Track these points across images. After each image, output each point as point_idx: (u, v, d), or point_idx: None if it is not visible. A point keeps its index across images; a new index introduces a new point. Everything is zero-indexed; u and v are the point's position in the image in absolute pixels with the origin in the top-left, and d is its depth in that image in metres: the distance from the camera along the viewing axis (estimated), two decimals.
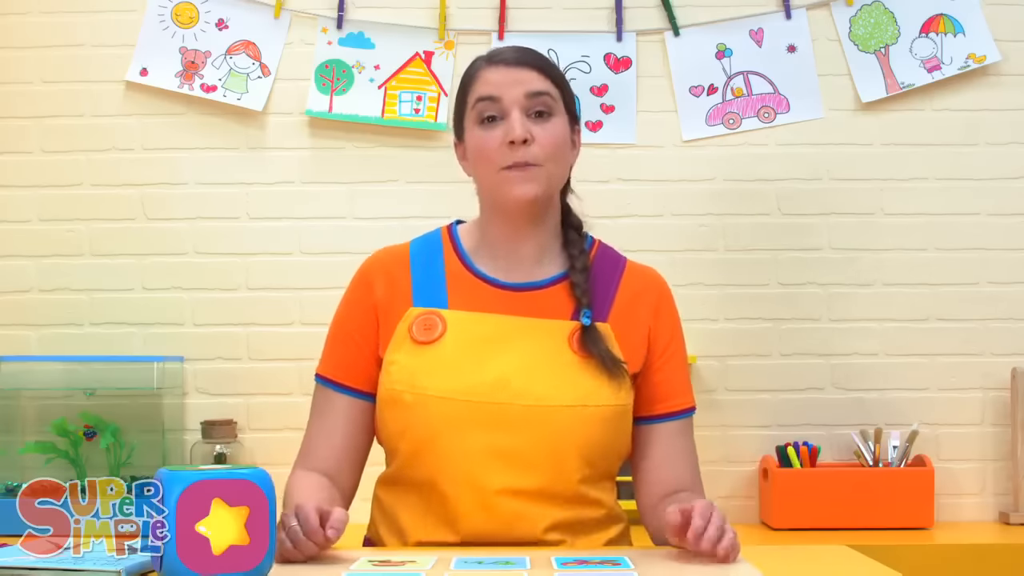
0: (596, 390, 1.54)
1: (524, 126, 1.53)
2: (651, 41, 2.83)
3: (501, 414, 1.50)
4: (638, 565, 1.31)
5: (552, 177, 1.57)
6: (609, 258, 1.67)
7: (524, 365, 1.53)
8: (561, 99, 1.59)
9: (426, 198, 2.79)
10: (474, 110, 1.58)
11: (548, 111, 1.56)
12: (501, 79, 1.56)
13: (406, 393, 1.53)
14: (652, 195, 2.81)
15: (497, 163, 1.55)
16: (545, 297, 1.59)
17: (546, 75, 1.57)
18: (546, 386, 1.52)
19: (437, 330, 1.56)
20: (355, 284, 1.65)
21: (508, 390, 1.51)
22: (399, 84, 2.80)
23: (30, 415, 2.76)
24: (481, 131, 1.57)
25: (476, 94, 1.58)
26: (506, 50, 1.61)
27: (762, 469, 2.74)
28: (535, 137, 1.54)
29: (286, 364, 2.76)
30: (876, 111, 2.82)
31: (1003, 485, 2.78)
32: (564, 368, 1.54)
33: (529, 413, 1.51)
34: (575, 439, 1.52)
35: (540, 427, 1.51)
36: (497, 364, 1.53)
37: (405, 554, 1.41)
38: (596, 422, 1.53)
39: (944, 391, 2.79)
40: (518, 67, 1.56)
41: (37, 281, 2.80)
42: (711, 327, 2.80)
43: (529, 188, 1.54)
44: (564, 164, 1.60)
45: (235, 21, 2.82)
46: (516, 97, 1.55)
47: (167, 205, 2.81)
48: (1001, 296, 2.80)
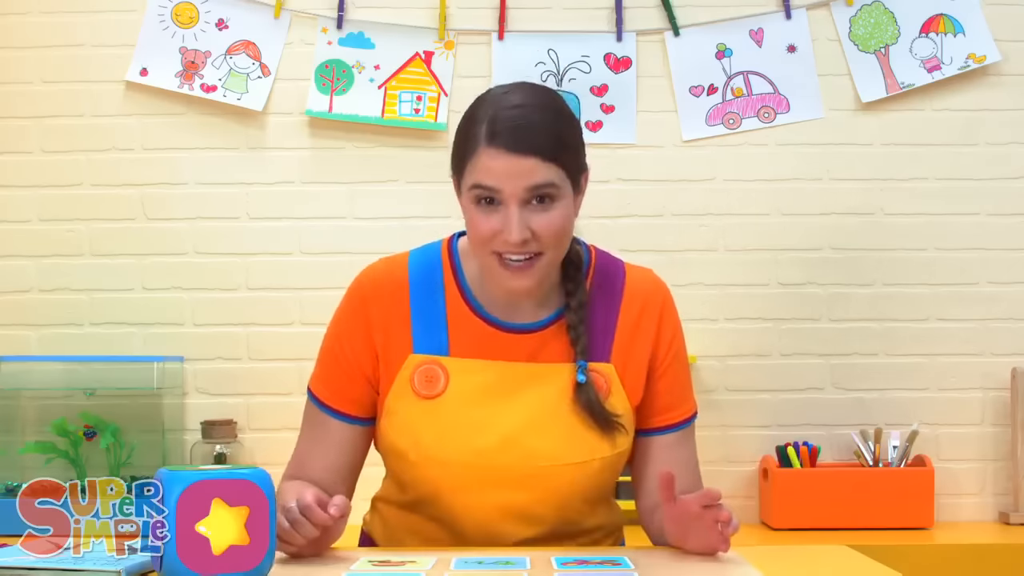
0: (599, 443, 1.53)
1: (522, 224, 1.43)
2: (651, 41, 2.83)
3: (510, 473, 1.50)
4: (638, 565, 1.31)
5: (553, 262, 1.50)
6: (608, 276, 1.60)
7: (529, 421, 1.51)
8: (568, 178, 1.46)
9: (426, 198, 2.79)
10: (471, 192, 1.46)
11: (550, 197, 1.45)
12: (501, 169, 1.42)
13: (410, 452, 1.52)
14: (652, 195, 2.81)
15: (491, 247, 1.47)
16: (546, 339, 1.55)
17: (550, 159, 1.43)
18: (553, 444, 1.51)
19: (439, 384, 1.52)
20: (351, 307, 1.58)
21: (516, 449, 1.50)
22: (399, 84, 2.80)
23: (30, 415, 2.76)
24: (477, 211, 1.46)
25: (473, 178, 1.45)
26: (508, 129, 1.43)
27: (762, 469, 2.74)
28: (535, 230, 1.44)
29: (286, 364, 2.76)
30: (876, 111, 2.82)
31: (1003, 485, 2.78)
32: (568, 423, 1.52)
33: (539, 472, 1.51)
34: (582, 490, 1.54)
35: (550, 484, 1.52)
36: (502, 422, 1.51)
37: (405, 554, 1.41)
38: (602, 473, 1.55)
39: (944, 391, 2.79)
40: (519, 155, 1.42)
41: (37, 281, 2.80)
42: (711, 327, 2.80)
43: (524, 282, 1.47)
44: (567, 241, 1.50)
45: (235, 21, 2.82)
46: (515, 191, 1.43)
47: (167, 205, 2.81)
48: (1001, 296, 2.80)
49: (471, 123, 1.47)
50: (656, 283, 1.62)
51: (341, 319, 1.59)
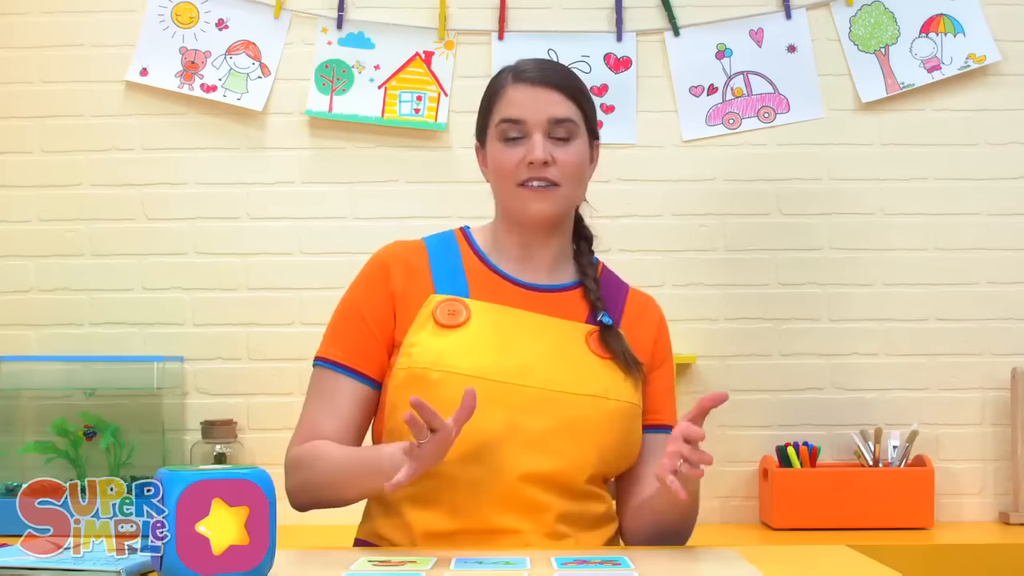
0: (614, 385, 1.57)
1: (545, 149, 1.57)
2: (651, 41, 2.83)
3: (525, 397, 1.53)
4: (638, 565, 1.31)
5: (569, 198, 1.61)
6: (613, 280, 1.71)
7: (546, 355, 1.56)
8: (583, 121, 1.61)
9: (426, 198, 2.79)
10: (498, 128, 1.60)
11: (570, 135, 1.59)
12: (525, 100, 1.58)
13: (431, 371, 1.53)
14: (652, 195, 2.81)
15: (515, 179, 1.59)
16: (562, 300, 1.63)
17: (570, 97, 1.59)
18: (568, 376, 1.56)
19: (462, 315, 1.58)
20: (370, 270, 1.64)
21: (533, 375, 1.54)
22: (399, 84, 2.80)
23: (30, 415, 2.76)
24: (503, 147, 1.60)
25: (500, 113, 1.60)
26: (532, 67, 1.62)
27: (762, 469, 2.74)
28: (555, 159, 1.57)
29: (286, 364, 2.76)
30: (876, 111, 2.82)
31: (1003, 485, 2.78)
32: (584, 362, 1.58)
33: (553, 398, 1.54)
34: (593, 430, 1.55)
35: (562, 413, 1.53)
36: (521, 351, 1.56)
37: (405, 554, 1.41)
38: (614, 417, 1.56)
39: (944, 391, 2.79)
40: (544, 87, 1.58)
41: (37, 281, 2.80)
42: (711, 327, 2.80)
43: (545, 207, 1.58)
44: (582, 185, 1.63)
45: (235, 21, 2.82)
46: (539, 121, 1.57)
47: (167, 205, 2.81)
48: (1001, 296, 2.80)
49: (495, 82, 1.63)
50: (655, 302, 1.73)
51: (358, 283, 1.65)
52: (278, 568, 1.24)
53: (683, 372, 2.73)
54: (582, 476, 1.55)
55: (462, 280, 1.62)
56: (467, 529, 1.52)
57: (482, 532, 1.52)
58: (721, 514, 2.78)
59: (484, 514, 1.52)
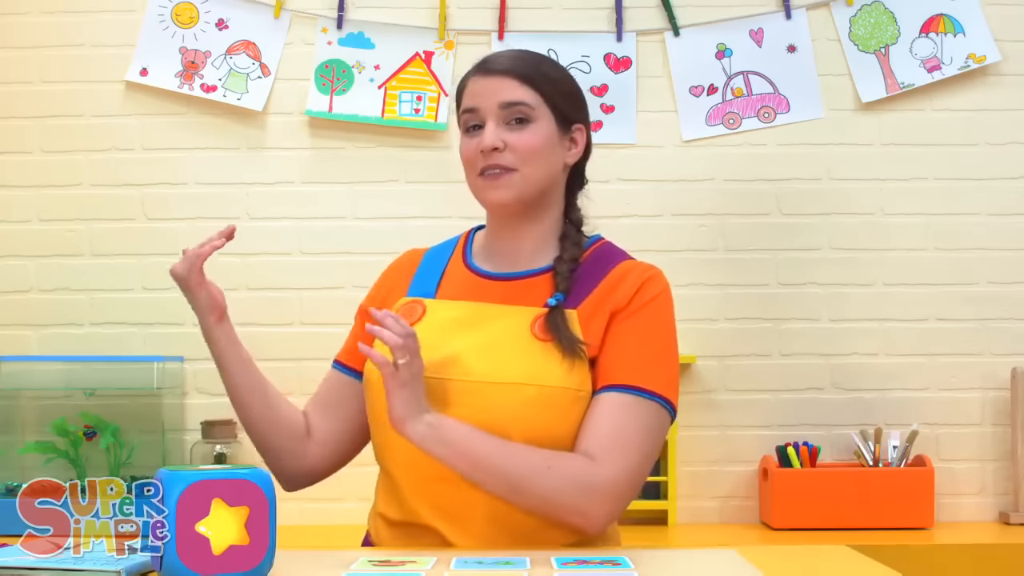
0: (544, 371, 1.50)
1: (494, 135, 1.57)
2: (651, 41, 2.83)
3: (443, 389, 1.52)
4: (638, 565, 1.31)
5: (528, 180, 1.59)
6: (608, 255, 1.64)
7: (477, 346, 1.55)
8: (545, 103, 1.60)
9: (426, 198, 2.79)
10: (461, 120, 1.64)
11: (525, 118, 1.59)
12: (480, 89, 1.61)
13: (373, 371, 1.57)
14: (652, 195, 2.81)
15: (475, 168, 1.60)
16: (525, 286, 1.61)
17: (526, 82, 1.59)
18: (493, 364, 1.52)
19: (416, 315, 1.62)
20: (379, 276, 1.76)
21: (454, 367, 1.53)
22: (399, 84, 2.81)
23: (30, 415, 2.76)
24: (465, 139, 1.63)
25: (462, 105, 1.64)
26: (494, 57, 1.64)
27: (762, 469, 2.74)
28: (508, 143, 1.57)
29: (286, 364, 2.76)
30: (876, 111, 2.82)
31: (1003, 485, 2.78)
32: (517, 349, 1.53)
33: (469, 389, 1.52)
34: (514, 419, 1.49)
35: (478, 403, 1.50)
36: (452, 345, 1.56)
37: (405, 554, 1.41)
38: (538, 403, 1.49)
39: (944, 391, 2.79)
40: (497, 76, 1.60)
41: (37, 281, 2.81)
42: (711, 327, 2.80)
43: (502, 193, 1.59)
44: (544, 166, 1.60)
45: (235, 21, 2.82)
46: (490, 107, 1.59)
47: (167, 205, 2.81)
48: (1001, 296, 2.80)
49: (461, 79, 1.67)
50: (652, 268, 1.62)
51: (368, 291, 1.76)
52: (278, 568, 1.24)
53: (683, 372, 2.73)
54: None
55: (435, 281, 1.66)
56: (409, 522, 1.56)
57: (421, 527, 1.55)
58: (721, 514, 2.78)
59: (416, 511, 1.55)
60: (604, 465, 1.47)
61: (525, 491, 1.47)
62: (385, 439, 1.57)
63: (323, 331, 2.72)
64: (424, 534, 1.55)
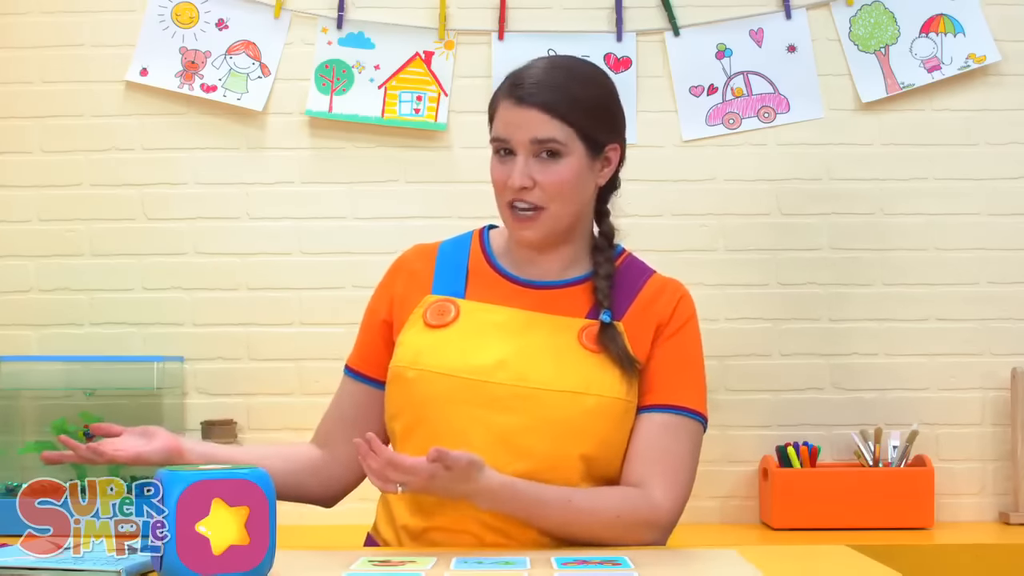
0: (600, 381, 1.54)
1: (524, 173, 1.55)
2: (651, 41, 2.83)
3: (497, 394, 1.52)
4: (638, 565, 1.31)
5: (557, 217, 1.58)
6: (635, 268, 1.69)
7: (527, 351, 1.55)
8: (577, 136, 1.56)
9: (426, 198, 2.79)
10: (492, 143, 1.61)
11: (556, 153, 1.56)
12: (511, 120, 1.57)
13: (409, 370, 1.56)
14: (652, 195, 2.81)
15: (504, 197, 1.59)
16: (562, 296, 1.62)
17: (557, 115, 1.55)
18: (546, 371, 1.53)
19: (450, 315, 1.60)
20: (383, 275, 1.72)
21: (507, 371, 1.53)
22: (399, 84, 2.80)
23: (30, 415, 2.76)
24: (496, 162, 1.60)
25: (493, 131, 1.61)
26: (525, 78, 1.59)
27: (762, 469, 2.74)
28: (538, 182, 1.56)
29: (286, 364, 2.76)
30: (876, 111, 2.82)
31: (1003, 485, 2.78)
32: (568, 357, 1.55)
33: (524, 394, 1.52)
34: (572, 427, 1.52)
35: (535, 410, 1.52)
36: (501, 348, 1.55)
37: (405, 554, 1.41)
38: (596, 413, 1.53)
39: (944, 391, 2.79)
40: (527, 107, 1.55)
41: (37, 281, 2.80)
42: (711, 327, 2.78)
43: (531, 233, 1.58)
44: (574, 199, 1.59)
45: (235, 21, 2.82)
46: (522, 141, 1.56)
47: (167, 205, 2.81)
48: (1001, 296, 2.80)
49: (496, 93, 1.62)
50: (679, 284, 1.69)
51: (376, 289, 1.72)
52: (278, 568, 1.24)
53: None
54: (563, 479, 1.52)
55: (461, 280, 1.64)
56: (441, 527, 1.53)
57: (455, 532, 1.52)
58: (721, 514, 2.78)
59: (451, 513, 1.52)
60: (665, 500, 1.54)
61: (596, 541, 1.50)
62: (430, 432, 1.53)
63: (323, 331, 2.73)
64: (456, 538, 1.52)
